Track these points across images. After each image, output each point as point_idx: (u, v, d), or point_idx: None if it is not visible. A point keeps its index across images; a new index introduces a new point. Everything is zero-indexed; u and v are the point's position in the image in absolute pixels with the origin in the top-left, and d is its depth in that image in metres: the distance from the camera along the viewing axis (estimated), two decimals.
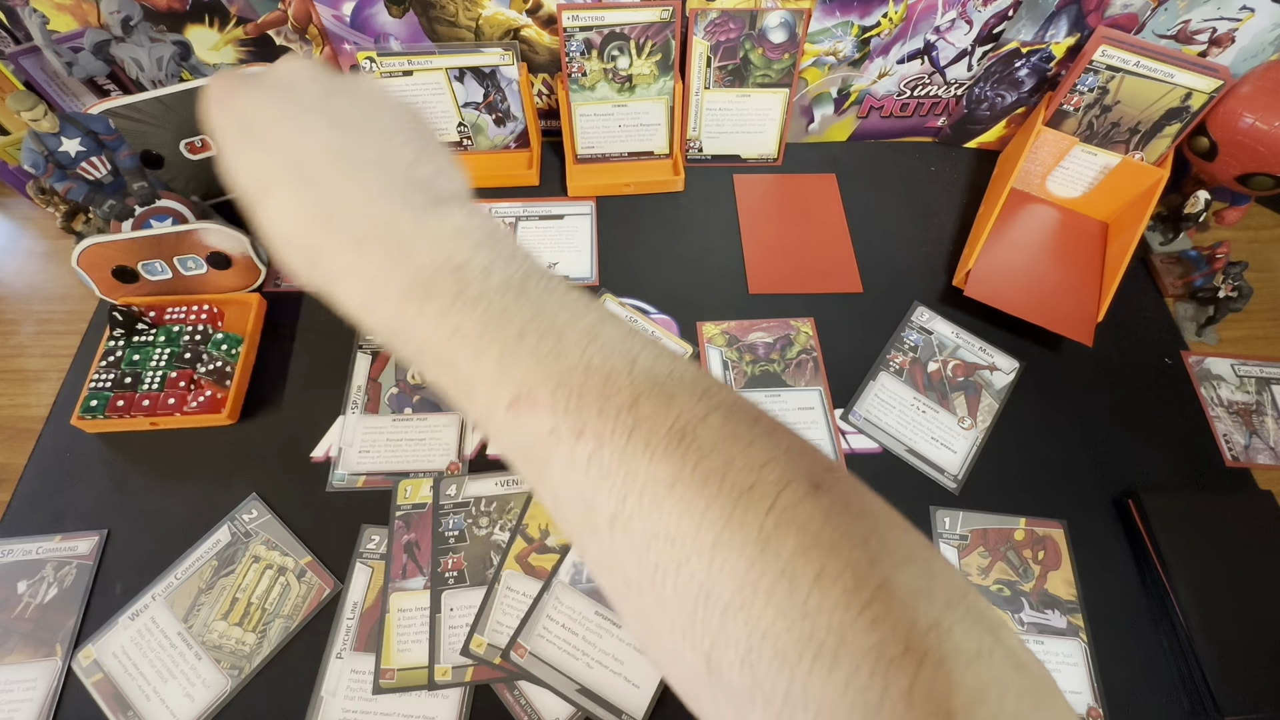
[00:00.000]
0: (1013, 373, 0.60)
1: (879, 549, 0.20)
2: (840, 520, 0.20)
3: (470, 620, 0.47)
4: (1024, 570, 0.51)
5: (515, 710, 0.45)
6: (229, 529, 0.51)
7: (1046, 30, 0.62)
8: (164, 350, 0.55)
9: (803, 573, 0.19)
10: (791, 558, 0.19)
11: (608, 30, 0.60)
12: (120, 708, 0.45)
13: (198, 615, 0.48)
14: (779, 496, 0.20)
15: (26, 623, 0.47)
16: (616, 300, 0.63)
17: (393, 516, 0.51)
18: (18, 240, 0.68)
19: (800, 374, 0.59)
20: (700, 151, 0.72)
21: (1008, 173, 0.67)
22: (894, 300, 0.64)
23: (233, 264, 0.60)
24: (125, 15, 0.55)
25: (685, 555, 0.20)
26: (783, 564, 0.19)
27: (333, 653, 0.46)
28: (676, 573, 0.21)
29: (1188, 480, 0.55)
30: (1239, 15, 0.59)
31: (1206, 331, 0.63)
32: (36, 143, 0.51)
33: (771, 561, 0.19)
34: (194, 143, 0.63)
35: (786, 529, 0.20)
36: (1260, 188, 0.61)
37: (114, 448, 0.54)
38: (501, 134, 0.69)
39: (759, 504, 0.20)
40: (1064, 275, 0.64)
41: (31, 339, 0.62)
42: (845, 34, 0.63)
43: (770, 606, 0.19)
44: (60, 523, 0.51)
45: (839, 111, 0.72)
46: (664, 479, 0.21)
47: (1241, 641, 0.47)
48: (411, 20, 0.61)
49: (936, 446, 0.56)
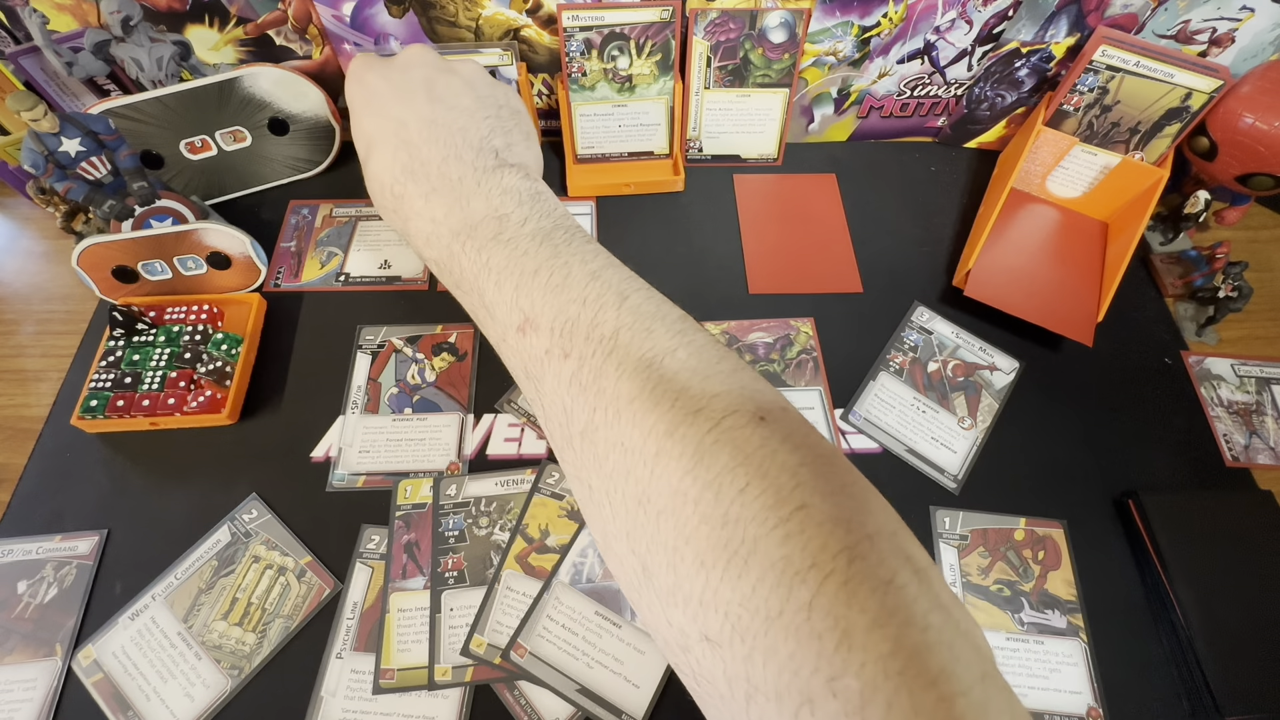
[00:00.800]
0: (1013, 373, 0.60)
1: (808, 477, 0.21)
2: (775, 447, 0.22)
3: (470, 620, 0.47)
4: (1024, 570, 0.51)
5: (515, 710, 0.45)
6: (229, 529, 0.51)
7: (1046, 30, 0.62)
8: (164, 350, 0.55)
9: (729, 486, 0.21)
10: (721, 472, 0.21)
11: (608, 30, 0.60)
12: (120, 708, 0.45)
13: (198, 615, 0.48)
14: (722, 420, 0.22)
15: (26, 623, 0.47)
16: None
17: (393, 516, 0.51)
18: (18, 240, 0.68)
19: (800, 374, 0.59)
20: (700, 151, 0.72)
21: (1008, 173, 0.67)
22: (894, 300, 0.64)
23: (233, 264, 0.60)
24: (125, 15, 0.55)
25: (633, 464, 0.23)
26: (712, 476, 0.21)
27: (333, 653, 0.46)
28: (625, 479, 0.23)
29: (1188, 480, 0.55)
30: (1239, 15, 0.59)
31: (1206, 331, 0.63)
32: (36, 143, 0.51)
33: (703, 473, 0.21)
34: (194, 143, 0.63)
35: (721, 446, 0.22)
36: (1260, 188, 0.61)
37: (114, 448, 0.54)
38: None
39: (702, 424, 0.22)
40: (1064, 275, 0.64)
41: (31, 339, 0.62)
42: (845, 34, 0.63)
43: (695, 514, 0.21)
44: (60, 523, 0.51)
45: (839, 111, 0.72)
46: (625, 395, 0.23)
47: (1241, 641, 0.47)
48: (411, 20, 0.61)
49: (936, 446, 0.56)
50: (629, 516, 0.22)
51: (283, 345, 0.59)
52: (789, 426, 0.23)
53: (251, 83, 0.62)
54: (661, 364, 0.24)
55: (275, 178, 0.69)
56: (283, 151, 0.67)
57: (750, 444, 0.22)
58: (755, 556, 0.19)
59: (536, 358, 0.26)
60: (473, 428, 0.55)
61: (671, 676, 0.46)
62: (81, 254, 0.55)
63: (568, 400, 0.25)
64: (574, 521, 0.51)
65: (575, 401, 0.24)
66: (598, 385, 0.24)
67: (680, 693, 0.46)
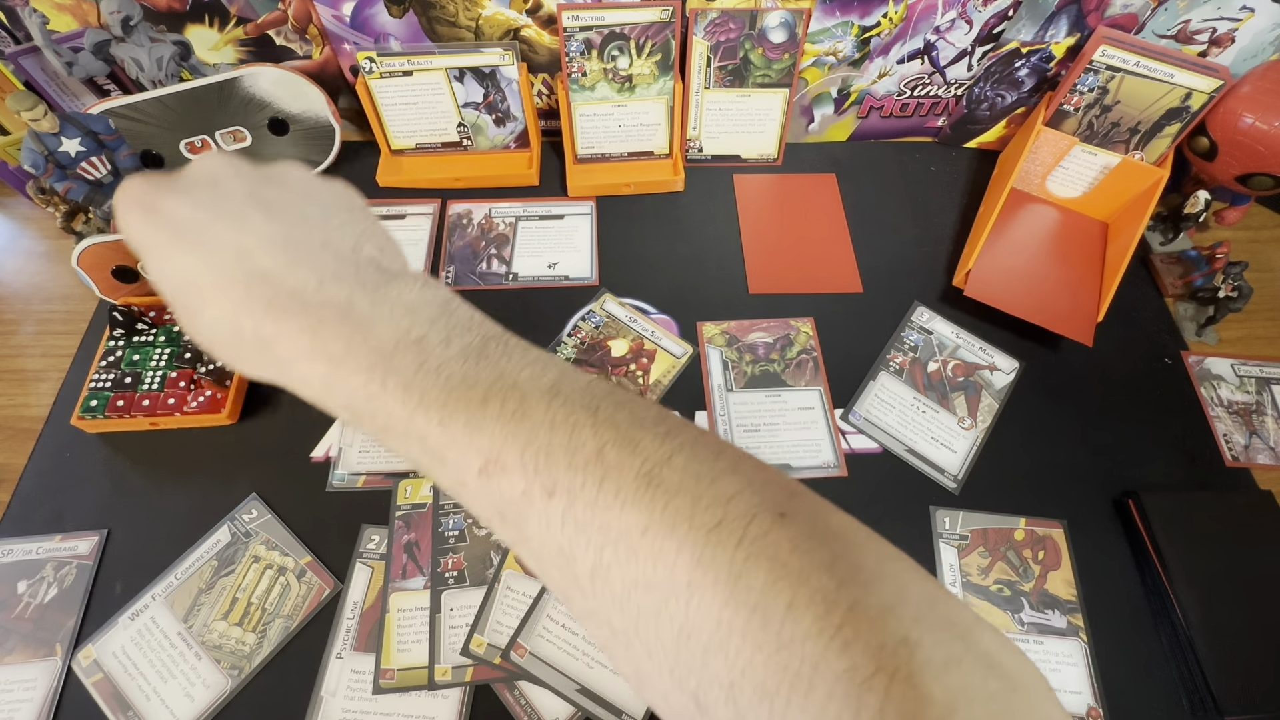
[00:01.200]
0: (1013, 373, 0.60)
1: (846, 571, 0.20)
2: (807, 546, 0.20)
3: (470, 620, 0.47)
4: (1024, 570, 0.51)
5: (515, 710, 0.45)
6: (229, 529, 0.51)
7: (1046, 30, 0.62)
8: (164, 350, 0.55)
9: (774, 605, 0.19)
10: (763, 591, 0.20)
11: (608, 30, 0.60)
12: (120, 708, 0.45)
13: (198, 615, 0.48)
14: (747, 529, 0.21)
15: (26, 623, 0.47)
16: (616, 300, 0.63)
17: (393, 516, 0.51)
18: (18, 240, 0.68)
19: (800, 374, 0.59)
20: (700, 151, 0.72)
21: (1008, 173, 0.67)
22: (894, 300, 0.64)
23: None
24: (125, 15, 0.55)
25: (663, 599, 0.21)
26: (755, 598, 0.20)
27: (333, 653, 0.46)
28: (657, 617, 0.21)
29: (1188, 480, 0.55)
30: (1239, 15, 0.59)
31: (1206, 331, 0.63)
32: (36, 143, 0.51)
33: (744, 596, 0.20)
34: (194, 143, 0.63)
35: (756, 562, 0.20)
36: (1260, 188, 0.61)
37: (114, 448, 0.54)
38: (501, 134, 0.69)
39: (728, 539, 0.20)
40: (1064, 275, 0.64)
41: (31, 339, 0.62)
42: (845, 34, 0.63)
43: (747, 642, 0.19)
44: (60, 523, 0.51)
45: (839, 111, 0.72)
46: (636, 527, 0.21)
47: (1241, 641, 0.47)
48: (411, 20, 0.61)
49: (936, 446, 0.56)
50: (670, 654, 0.21)
51: None
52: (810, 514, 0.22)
53: (251, 83, 0.62)
54: (661, 478, 0.21)
55: None
56: (283, 151, 0.67)
57: (782, 551, 0.20)
58: (819, 674, 0.18)
59: (512, 500, 0.23)
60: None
61: None
62: (81, 254, 0.55)
63: (564, 542, 0.22)
64: None
65: (574, 542, 0.22)
66: (598, 521, 0.21)
67: None
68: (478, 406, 0.23)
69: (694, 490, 0.21)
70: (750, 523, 0.21)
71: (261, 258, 0.25)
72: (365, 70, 0.62)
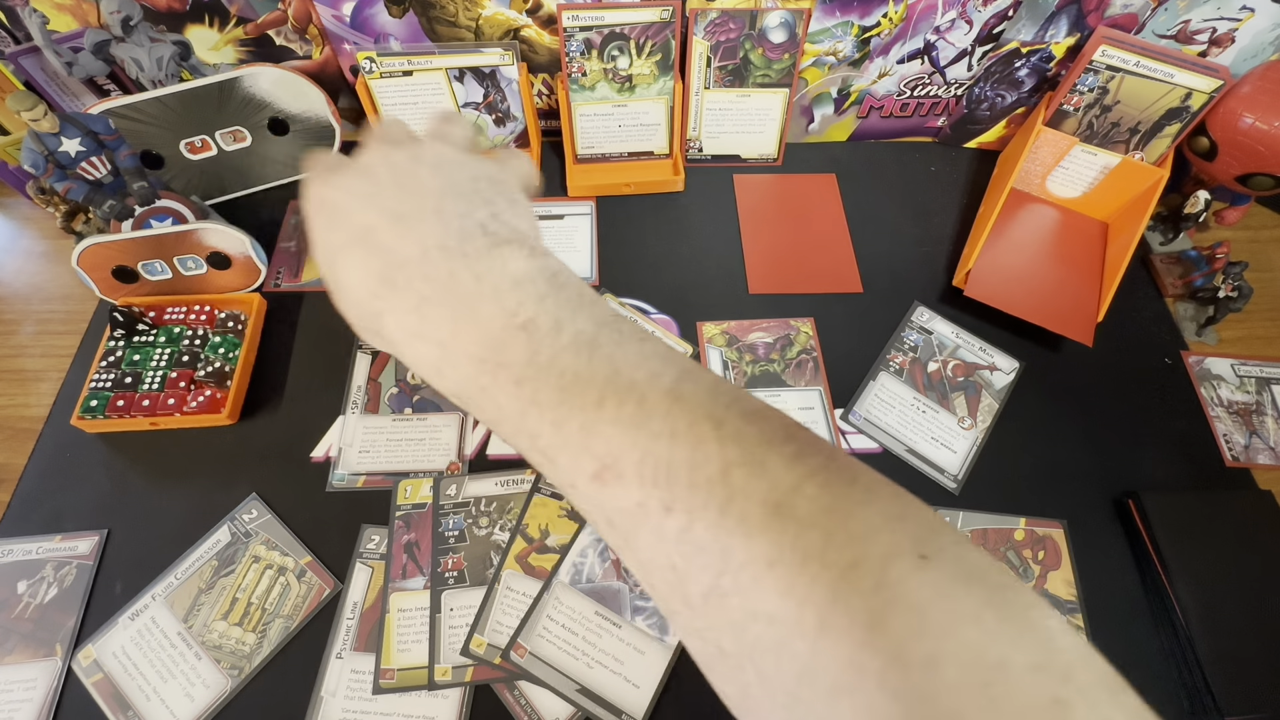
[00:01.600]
0: (1013, 373, 0.60)
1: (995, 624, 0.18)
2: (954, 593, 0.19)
3: (470, 620, 0.47)
4: (1024, 570, 0.51)
5: (515, 710, 0.45)
6: (229, 529, 0.51)
7: (1046, 30, 0.62)
8: (164, 350, 0.55)
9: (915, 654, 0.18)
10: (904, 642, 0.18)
11: (608, 30, 0.60)
12: (120, 708, 0.45)
13: (198, 615, 0.48)
14: (886, 572, 0.19)
15: (26, 623, 0.47)
16: (617, 300, 0.63)
17: (393, 516, 0.51)
18: (18, 240, 0.68)
19: (800, 374, 0.59)
20: (700, 151, 0.72)
21: (1008, 173, 0.67)
22: (894, 300, 0.64)
23: (233, 264, 0.60)
24: (125, 15, 0.55)
25: (788, 636, 0.19)
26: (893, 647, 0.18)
27: (333, 653, 0.46)
28: (778, 652, 0.20)
29: (1188, 480, 0.55)
30: (1239, 15, 0.59)
31: (1206, 331, 0.63)
32: (36, 143, 0.51)
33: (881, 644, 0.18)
34: (194, 143, 0.63)
35: (895, 610, 0.19)
36: (1260, 188, 0.61)
37: (114, 448, 0.54)
38: (501, 134, 0.69)
39: (865, 583, 0.19)
40: (1064, 275, 0.64)
41: (31, 339, 0.62)
42: (845, 34, 0.63)
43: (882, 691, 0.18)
44: (60, 523, 0.51)
45: (839, 111, 0.72)
46: (763, 558, 0.20)
47: (1241, 641, 0.47)
48: (411, 20, 0.61)
49: (936, 446, 0.56)
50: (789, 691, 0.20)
51: (283, 345, 0.59)
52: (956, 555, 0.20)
53: (251, 83, 0.62)
54: (791, 507, 0.20)
55: (275, 178, 0.69)
56: (283, 151, 0.67)
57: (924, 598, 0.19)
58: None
59: (624, 510, 0.22)
60: (473, 427, 0.55)
61: (671, 676, 0.46)
62: (81, 254, 0.55)
63: (677, 560, 0.21)
64: (574, 521, 0.51)
65: (690, 563, 0.21)
66: (720, 545, 0.20)
67: (680, 693, 0.46)
68: (593, 409, 0.22)
69: (826, 525, 0.20)
70: (889, 564, 0.19)
71: (381, 233, 0.25)
72: (365, 70, 0.62)
